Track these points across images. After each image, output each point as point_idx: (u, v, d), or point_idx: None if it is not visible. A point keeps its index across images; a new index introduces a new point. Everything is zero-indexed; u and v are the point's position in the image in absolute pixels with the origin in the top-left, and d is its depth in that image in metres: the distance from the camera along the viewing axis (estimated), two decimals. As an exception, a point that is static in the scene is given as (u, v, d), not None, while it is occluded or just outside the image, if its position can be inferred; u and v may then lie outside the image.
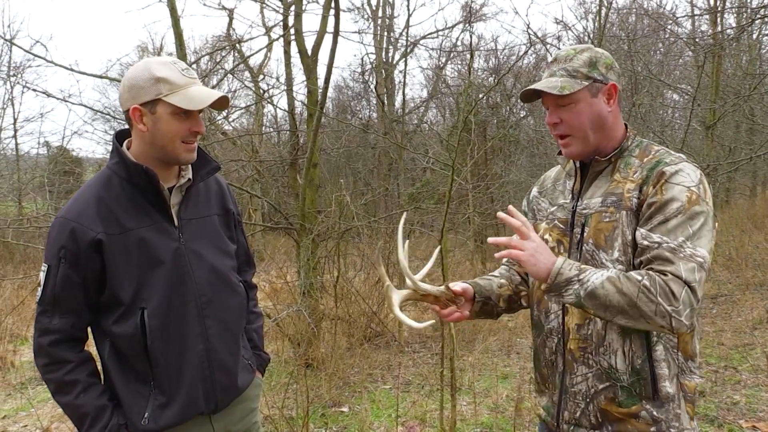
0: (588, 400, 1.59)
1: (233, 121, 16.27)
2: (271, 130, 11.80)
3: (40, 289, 1.60)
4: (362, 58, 17.10)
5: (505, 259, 1.97)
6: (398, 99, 17.36)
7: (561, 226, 1.68)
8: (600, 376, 1.57)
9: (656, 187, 1.49)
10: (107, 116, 14.98)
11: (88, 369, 1.64)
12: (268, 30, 11.59)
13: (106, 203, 1.62)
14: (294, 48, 6.48)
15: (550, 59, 1.69)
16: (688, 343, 1.55)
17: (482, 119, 11.84)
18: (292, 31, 5.75)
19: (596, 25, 12.17)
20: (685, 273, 1.40)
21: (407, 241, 1.76)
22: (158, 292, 1.63)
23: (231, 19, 12.90)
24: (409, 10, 16.42)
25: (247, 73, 15.06)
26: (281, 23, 6.36)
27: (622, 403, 1.54)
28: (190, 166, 1.76)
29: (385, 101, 15.77)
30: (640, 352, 1.52)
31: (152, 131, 1.63)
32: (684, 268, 1.40)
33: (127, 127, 1.74)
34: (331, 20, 5.32)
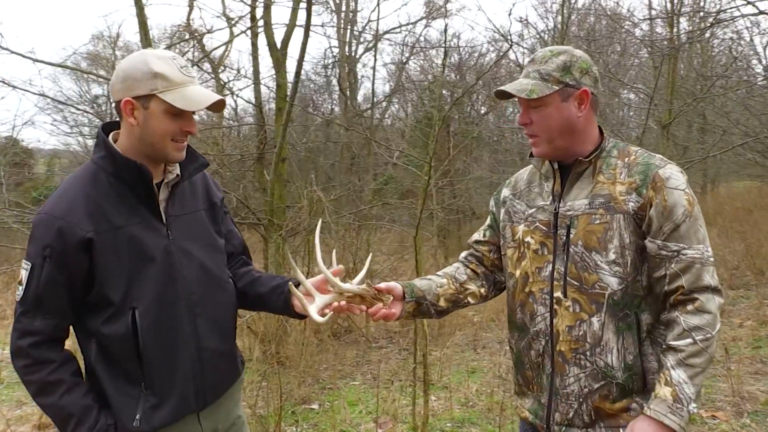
0: (581, 400, 1.61)
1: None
2: (236, 123, 11.60)
3: (21, 289, 1.53)
4: (325, 51, 16.96)
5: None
6: (361, 93, 17.33)
7: (543, 228, 1.69)
8: (595, 375, 1.59)
9: (657, 192, 1.54)
10: (59, 106, 14.46)
11: (71, 368, 1.59)
12: (232, 22, 11.37)
13: (95, 199, 1.56)
14: (261, 40, 6.38)
15: (527, 60, 1.71)
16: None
17: (446, 115, 11.90)
18: (260, 23, 5.66)
19: (555, 24, 12.42)
20: (711, 280, 1.53)
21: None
22: (149, 291, 1.59)
23: (191, 8, 12.62)
24: (379, 4, 16.32)
25: (207, 65, 14.77)
26: (249, 15, 6.26)
27: (616, 399, 1.58)
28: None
29: (348, 95, 15.71)
30: (632, 348, 1.57)
31: (142, 126, 1.58)
32: (708, 277, 1.53)
33: (110, 120, 1.69)
34: (301, 13, 5.26)
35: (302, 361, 5.14)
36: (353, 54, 17.29)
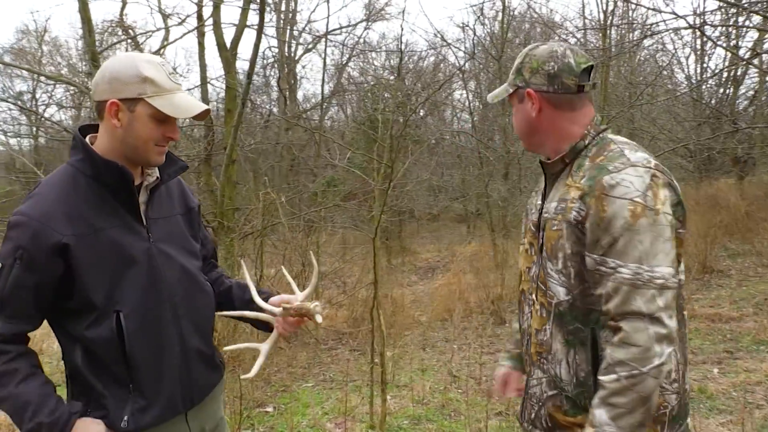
0: (540, 404, 1.60)
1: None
2: (185, 124, 11.30)
3: None
4: (264, 51, 16.74)
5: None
6: (300, 94, 17.26)
7: (532, 228, 1.65)
8: (550, 382, 1.56)
9: (597, 201, 1.40)
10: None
11: (30, 360, 1.53)
12: (167, 18, 11.07)
13: (74, 202, 1.53)
14: (206, 40, 6.25)
15: None
16: None
17: (388, 118, 12.04)
18: (209, 22, 5.55)
19: (491, 30, 12.79)
20: (644, 306, 1.34)
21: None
22: (133, 294, 1.57)
23: (125, 3, 12.22)
24: (329, 2, 16.19)
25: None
26: (196, 14, 6.13)
27: (568, 413, 1.53)
28: None
29: (287, 96, 15.58)
30: (584, 365, 1.48)
31: (126, 129, 1.56)
32: (640, 302, 1.34)
33: (87, 123, 1.66)
34: (252, 15, 5.22)
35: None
36: (293, 55, 17.18)
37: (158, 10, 12.17)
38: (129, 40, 11.81)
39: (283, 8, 16.42)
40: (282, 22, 15.92)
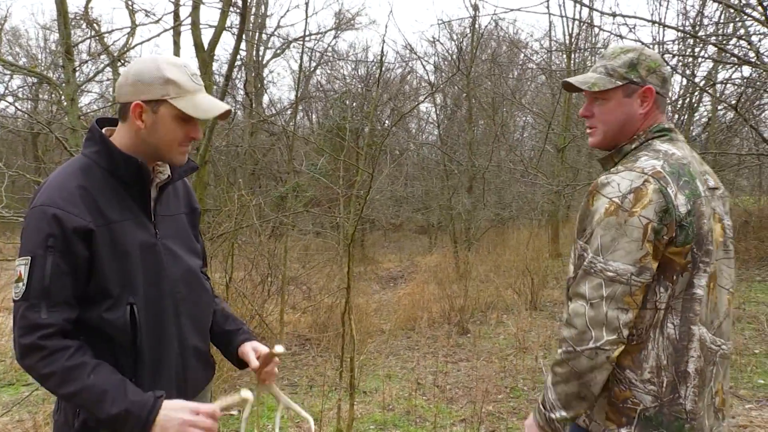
0: None
1: (88, 104, 15.02)
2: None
3: (21, 285, 1.46)
4: (231, 54, 16.56)
5: None
6: (265, 98, 17.18)
7: None
8: None
9: (590, 197, 1.56)
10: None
11: (90, 352, 1.52)
12: (134, 13, 10.87)
13: (90, 192, 1.55)
14: (181, 41, 6.20)
15: (598, 56, 1.86)
16: (623, 354, 1.55)
17: (355, 127, 12.14)
18: (187, 21, 5.52)
19: (459, 45, 13.05)
20: (589, 291, 1.49)
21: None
22: (139, 288, 1.60)
23: (91, -3, 11.96)
24: (307, 12, 16.18)
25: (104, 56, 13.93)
26: (172, 13, 6.08)
27: None
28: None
29: (253, 99, 15.50)
30: None
31: (150, 130, 1.60)
32: (588, 287, 1.49)
33: (104, 115, 1.68)
34: (231, 17, 5.21)
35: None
36: (260, 59, 17.11)
37: (125, 5, 11.94)
38: (96, 37, 11.55)
39: (253, 12, 16.36)
40: (252, 25, 15.86)
